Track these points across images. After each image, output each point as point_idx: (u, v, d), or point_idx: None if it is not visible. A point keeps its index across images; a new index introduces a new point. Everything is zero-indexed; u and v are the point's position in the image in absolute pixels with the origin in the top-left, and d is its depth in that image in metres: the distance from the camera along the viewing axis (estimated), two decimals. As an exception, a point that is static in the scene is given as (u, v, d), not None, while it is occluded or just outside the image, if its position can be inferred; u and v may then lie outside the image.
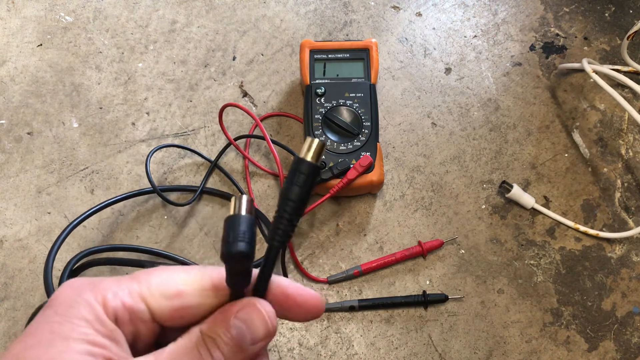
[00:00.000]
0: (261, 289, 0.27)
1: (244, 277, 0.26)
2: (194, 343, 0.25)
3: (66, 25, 0.63)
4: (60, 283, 0.47)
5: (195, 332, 0.26)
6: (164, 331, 0.27)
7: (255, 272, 0.27)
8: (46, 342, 0.23)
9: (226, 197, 0.55)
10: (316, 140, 0.26)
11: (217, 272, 0.27)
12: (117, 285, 0.26)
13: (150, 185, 0.55)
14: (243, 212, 0.25)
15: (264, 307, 0.26)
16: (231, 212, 0.25)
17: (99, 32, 0.63)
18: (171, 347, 0.25)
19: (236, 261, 0.25)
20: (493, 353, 0.51)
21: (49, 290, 0.44)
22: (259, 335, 0.26)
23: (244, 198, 0.25)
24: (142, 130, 0.58)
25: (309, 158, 0.26)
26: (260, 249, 0.53)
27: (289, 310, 0.28)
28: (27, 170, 0.56)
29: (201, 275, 0.27)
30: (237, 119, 0.59)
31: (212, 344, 0.25)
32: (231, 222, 0.25)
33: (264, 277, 0.27)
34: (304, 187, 0.26)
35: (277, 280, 0.28)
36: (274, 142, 0.55)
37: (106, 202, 0.51)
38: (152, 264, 0.50)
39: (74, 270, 0.48)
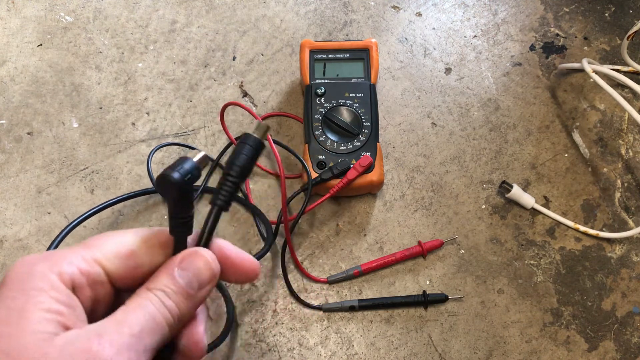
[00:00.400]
0: (203, 244, 0.29)
1: (183, 224, 0.28)
2: (145, 300, 0.26)
3: (66, 25, 0.63)
4: None
5: (143, 290, 0.26)
6: (119, 296, 0.28)
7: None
8: (3, 319, 0.23)
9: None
10: (265, 123, 0.31)
11: (164, 232, 0.29)
12: (71, 253, 0.26)
13: (151, 185, 0.55)
14: (195, 158, 0.29)
15: (205, 252, 0.28)
16: (189, 154, 0.29)
17: (99, 32, 0.63)
18: (123, 308, 0.26)
19: (163, 185, 0.27)
20: (493, 353, 0.51)
21: None
22: (205, 279, 0.27)
23: (201, 152, 0.29)
24: (142, 130, 0.58)
25: (256, 134, 0.30)
26: (257, 245, 0.54)
27: (226, 271, 0.29)
28: (27, 170, 0.56)
29: (149, 235, 0.28)
30: (237, 118, 0.59)
31: (163, 297, 0.26)
32: (179, 159, 0.28)
33: (207, 232, 0.29)
34: (249, 155, 0.29)
35: (219, 241, 0.30)
36: (275, 142, 0.55)
37: (107, 203, 0.52)
38: None
39: None
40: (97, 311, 0.27)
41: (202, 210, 0.55)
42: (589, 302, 0.53)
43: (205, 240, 0.29)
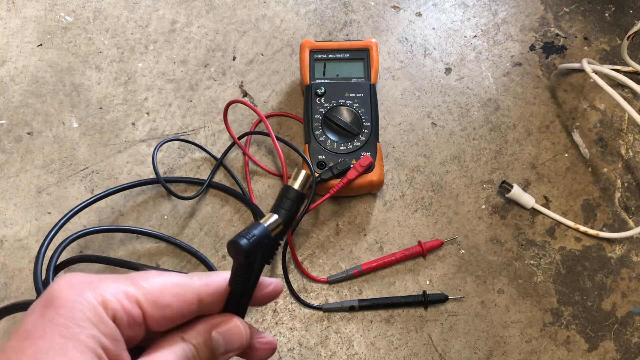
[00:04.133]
0: (242, 307, 0.30)
1: (242, 281, 0.29)
2: (177, 347, 0.27)
3: (66, 25, 0.63)
4: (50, 266, 0.45)
5: (177, 337, 0.28)
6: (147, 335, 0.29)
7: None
8: (60, 347, 0.23)
9: (231, 192, 0.55)
10: (303, 172, 0.30)
11: (204, 284, 0.29)
12: (115, 285, 0.26)
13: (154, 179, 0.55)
14: (265, 223, 0.29)
15: (241, 323, 0.30)
16: (260, 221, 0.29)
17: (99, 32, 0.63)
18: (157, 354, 0.27)
19: (232, 250, 0.28)
20: (493, 353, 0.51)
21: (38, 284, 0.44)
22: (233, 348, 0.29)
23: (274, 217, 0.29)
24: (142, 130, 0.58)
25: (296, 186, 0.30)
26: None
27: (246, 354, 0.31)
28: (27, 170, 0.56)
29: (190, 287, 0.29)
30: (237, 118, 0.59)
31: (193, 350, 0.28)
32: (251, 224, 0.28)
33: (247, 295, 0.30)
34: (290, 211, 0.29)
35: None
36: (278, 138, 0.54)
37: (105, 192, 0.52)
38: (144, 267, 0.49)
39: (63, 263, 0.48)
40: (129, 344, 0.27)
41: (202, 210, 0.55)
42: (589, 302, 0.53)
43: (244, 303, 0.30)
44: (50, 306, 0.24)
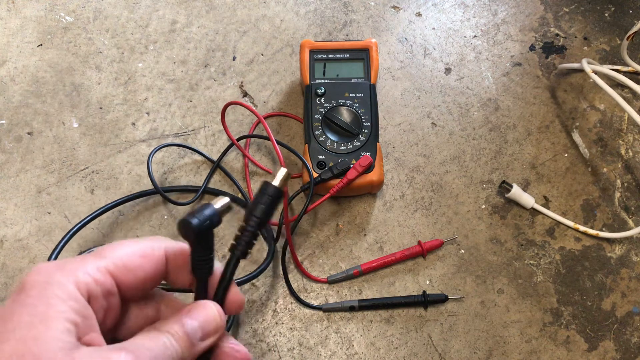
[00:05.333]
0: (219, 293, 0.31)
1: (203, 265, 0.30)
2: (153, 340, 0.27)
3: (66, 25, 0.63)
4: None
5: (152, 330, 0.28)
6: (125, 307, 0.30)
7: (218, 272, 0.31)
8: (26, 324, 0.24)
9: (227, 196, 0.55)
10: (284, 170, 0.32)
11: (170, 242, 0.30)
12: (84, 263, 0.27)
13: (151, 185, 0.55)
14: (216, 205, 0.30)
15: (214, 305, 0.30)
16: (212, 202, 0.30)
17: (99, 32, 0.63)
18: (132, 340, 0.27)
19: (183, 230, 0.29)
20: (493, 353, 0.51)
21: None
22: (209, 331, 0.29)
23: (226, 199, 0.30)
24: (142, 130, 0.58)
25: (275, 183, 0.31)
26: (261, 250, 0.54)
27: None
28: (27, 170, 0.56)
29: (155, 245, 0.30)
30: (237, 118, 0.59)
31: (170, 339, 0.28)
32: (202, 205, 0.30)
33: (224, 282, 0.31)
34: (268, 206, 0.31)
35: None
36: (278, 142, 0.54)
37: (108, 205, 0.52)
38: None
39: None
40: (105, 321, 0.28)
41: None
42: (589, 302, 0.53)
43: (222, 292, 0.31)
44: (21, 292, 0.25)
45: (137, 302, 0.31)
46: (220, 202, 0.30)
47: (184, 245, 0.31)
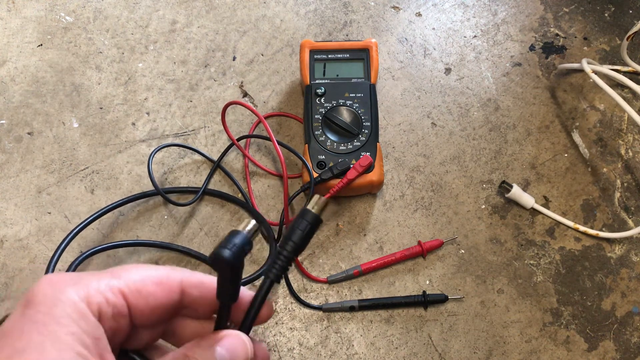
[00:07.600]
0: (249, 319, 0.30)
1: (231, 292, 0.29)
2: None
3: (66, 25, 0.63)
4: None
5: (180, 354, 0.27)
6: (133, 331, 0.29)
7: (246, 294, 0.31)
8: (37, 345, 0.22)
9: (227, 198, 0.55)
10: (322, 198, 0.31)
11: (188, 273, 0.29)
12: (97, 280, 0.26)
13: (151, 186, 0.55)
14: (244, 230, 0.29)
15: (246, 339, 0.29)
16: (239, 228, 0.29)
17: (99, 32, 0.63)
18: None
19: (217, 264, 0.27)
20: (493, 353, 0.51)
21: None
22: None
23: (252, 222, 0.30)
24: (142, 131, 0.58)
25: (314, 210, 0.31)
26: (262, 250, 0.54)
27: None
28: (27, 170, 0.56)
29: (172, 275, 0.29)
30: (237, 118, 0.59)
31: None
32: (231, 233, 0.28)
33: (254, 308, 0.30)
34: (305, 232, 0.30)
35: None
36: (278, 142, 0.54)
37: (109, 207, 0.52)
38: None
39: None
40: (114, 339, 0.27)
41: (202, 210, 0.55)
42: (589, 302, 0.53)
43: (250, 320, 0.30)
44: (29, 305, 0.24)
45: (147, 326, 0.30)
46: (247, 225, 0.29)
47: (202, 278, 0.30)
